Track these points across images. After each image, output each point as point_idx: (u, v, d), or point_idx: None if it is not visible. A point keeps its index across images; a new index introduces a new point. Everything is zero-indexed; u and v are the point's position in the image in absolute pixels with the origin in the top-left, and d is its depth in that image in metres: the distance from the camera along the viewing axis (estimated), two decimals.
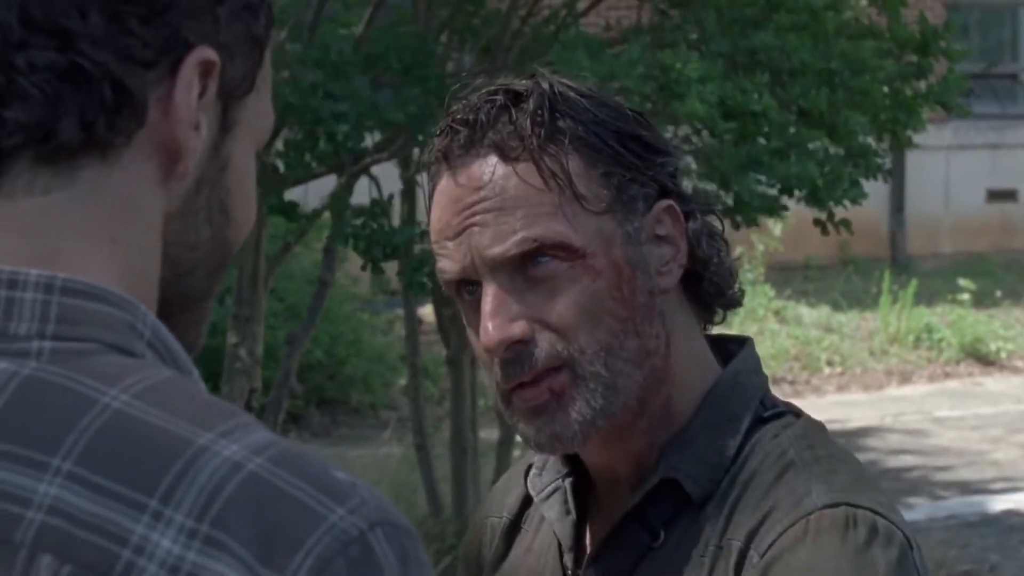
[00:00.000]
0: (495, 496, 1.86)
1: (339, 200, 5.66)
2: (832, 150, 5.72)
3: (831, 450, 1.63)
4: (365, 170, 5.90)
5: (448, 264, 1.62)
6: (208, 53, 1.07)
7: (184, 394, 1.02)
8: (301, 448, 1.00)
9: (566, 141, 1.59)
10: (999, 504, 9.03)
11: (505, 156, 1.59)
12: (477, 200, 1.60)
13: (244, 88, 1.11)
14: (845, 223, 5.70)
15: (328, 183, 6.12)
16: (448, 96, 1.67)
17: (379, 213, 5.48)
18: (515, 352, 1.59)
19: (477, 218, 1.60)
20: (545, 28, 6.40)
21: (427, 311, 9.00)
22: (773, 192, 5.59)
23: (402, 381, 10.78)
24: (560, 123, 1.60)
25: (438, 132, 1.65)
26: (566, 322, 1.59)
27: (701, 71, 5.18)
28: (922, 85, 5.99)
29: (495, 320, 1.59)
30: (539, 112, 1.60)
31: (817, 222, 5.78)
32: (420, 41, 5.81)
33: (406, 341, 7.87)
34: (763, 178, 5.47)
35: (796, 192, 5.50)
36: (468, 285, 1.62)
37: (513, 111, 1.61)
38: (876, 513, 1.54)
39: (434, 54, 5.90)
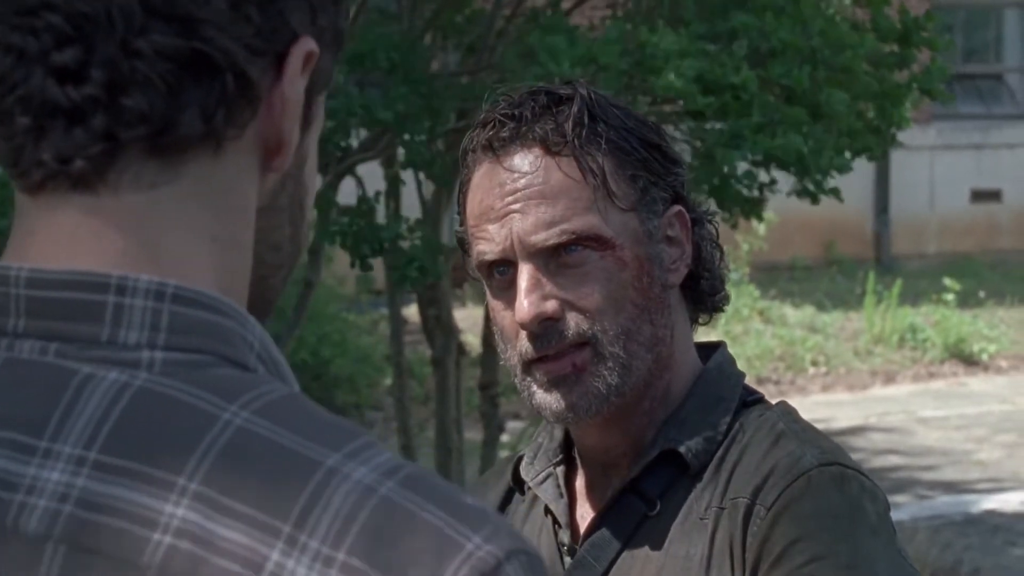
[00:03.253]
0: (474, 495, 1.95)
1: (324, 199, 5.65)
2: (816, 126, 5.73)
3: (811, 426, 1.83)
4: (350, 169, 5.90)
5: (488, 247, 1.78)
6: (312, 44, 1.03)
7: (305, 412, 0.97)
8: (427, 470, 0.97)
9: (602, 143, 1.78)
10: (983, 504, 9.05)
11: (548, 149, 1.77)
12: (522, 187, 1.77)
13: (325, 82, 1.07)
14: (835, 191, 5.70)
15: None
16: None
17: (365, 211, 5.47)
18: (545, 328, 1.76)
19: (519, 205, 1.77)
20: (529, 27, 6.41)
21: (412, 311, 9.00)
22: (758, 170, 5.58)
23: (387, 381, 10.78)
24: (597, 126, 1.78)
25: (482, 124, 1.81)
26: (594, 305, 1.76)
27: (677, 45, 5.19)
28: (905, 75, 6.00)
29: (531, 297, 1.76)
30: (580, 114, 1.77)
31: (805, 191, 5.76)
32: (408, 40, 5.81)
33: (391, 341, 7.87)
34: (747, 154, 5.47)
35: (783, 166, 5.48)
36: (501, 266, 1.79)
37: (555, 111, 1.78)
38: (861, 474, 1.75)
39: (423, 54, 5.90)
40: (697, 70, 5.19)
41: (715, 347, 1.89)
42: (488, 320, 1.86)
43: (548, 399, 1.77)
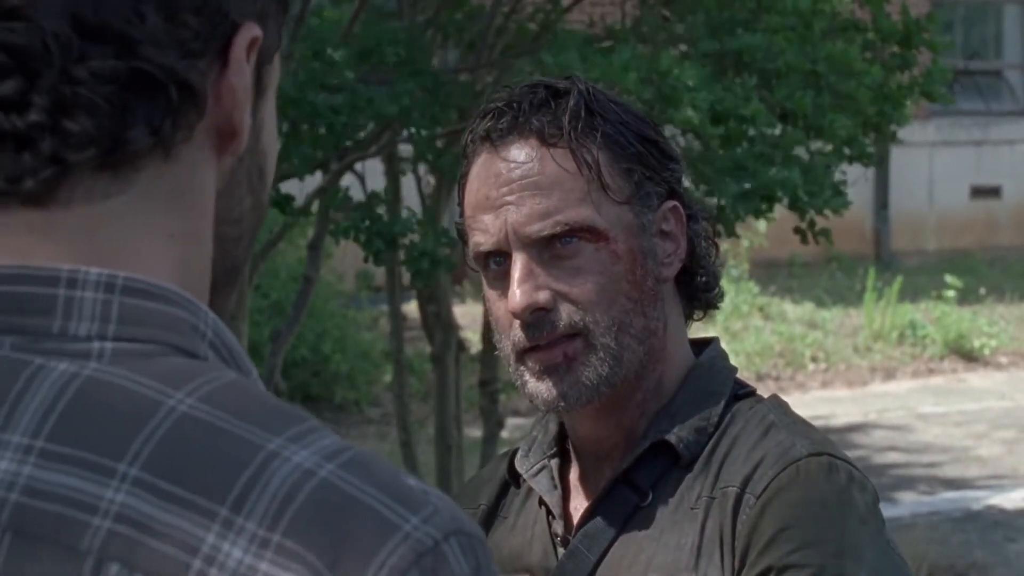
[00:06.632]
0: (468, 490, 2.03)
1: (330, 193, 5.66)
2: (815, 147, 5.73)
3: (801, 418, 1.86)
4: (350, 166, 5.90)
5: (483, 237, 1.81)
6: (255, 30, 1.04)
7: (251, 397, 0.99)
8: (372, 453, 0.96)
9: (598, 136, 1.81)
10: (982, 500, 9.06)
11: (544, 141, 1.80)
12: (517, 178, 1.80)
13: (274, 51, 1.09)
14: (825, 232, 5.69)
15: (312, 180, 6.12)
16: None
17: (375, 206, 5.49)
18: (537, 317, 1.79)
19: (514, 196, 1.80)
20: (528, 24, 6.41)
21: (412, 308, 9.01)
22: (756, 198, 5.60)
23: (387, 378, 10.78)
24: (594, 120, 1.81)
25: (482, 114, 1.84)
26: (587, 297, 1.79)
27: (696, 77, 5.20)
28: (906, 77, 6.00)
29: (523, 287, 1.79)
30: (577, 107, 1.81)
31: (797, 230, 5.76)
32: (412, 35, 5.82)
33: (391, 338, 7.87)
34: (748, 185, 5.47)
35: (779, 197, 5.51)
36: (496, 256, 1.82)
37: (553, 104, 1.82)
38: (850, 465, 1.78)
39: (427, 48, 5.90)
40: (710, 101, 5.20)
41: (709, 342, 1.92)
42: (488, 316, 1.88)
43: (540, 387, 1.80)
